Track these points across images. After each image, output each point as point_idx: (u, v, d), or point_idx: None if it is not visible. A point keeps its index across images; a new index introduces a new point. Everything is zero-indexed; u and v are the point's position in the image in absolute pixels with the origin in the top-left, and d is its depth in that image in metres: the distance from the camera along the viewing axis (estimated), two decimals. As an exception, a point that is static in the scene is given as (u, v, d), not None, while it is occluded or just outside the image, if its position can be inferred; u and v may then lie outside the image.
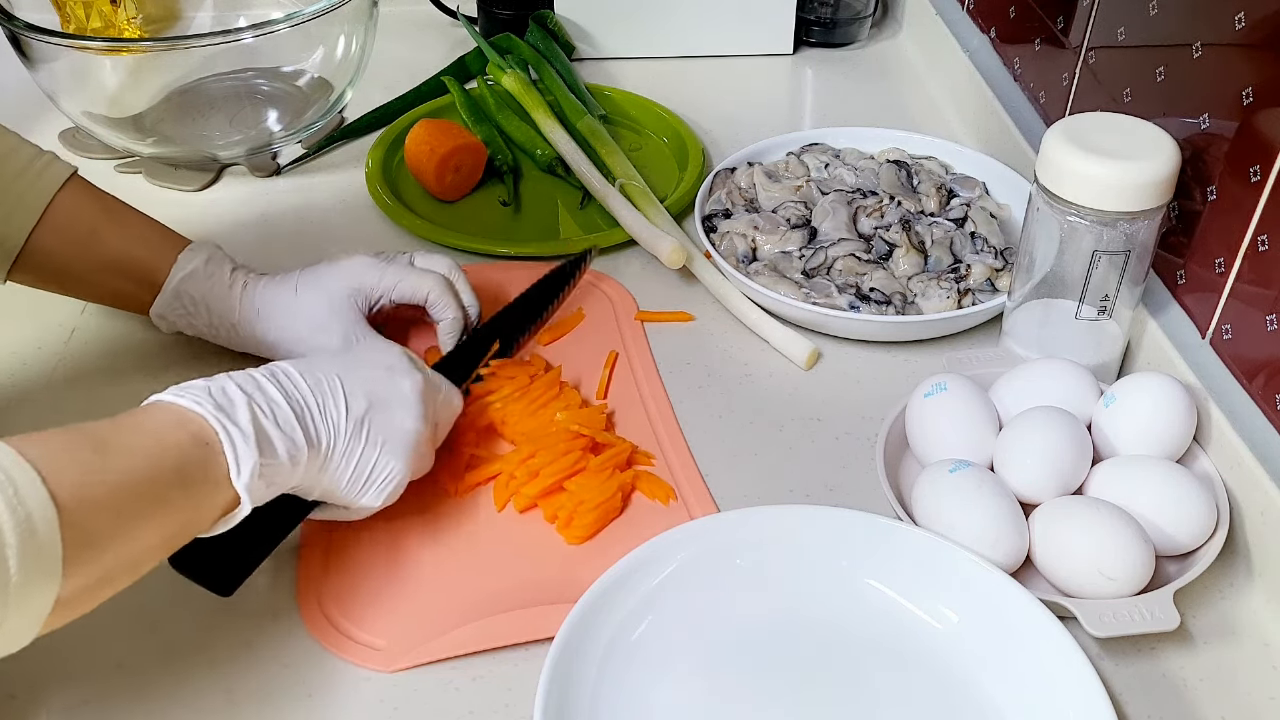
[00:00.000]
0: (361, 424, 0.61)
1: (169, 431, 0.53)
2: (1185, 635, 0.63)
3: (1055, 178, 0.69)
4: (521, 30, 1.17)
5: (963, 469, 0.65)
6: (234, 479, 0.54)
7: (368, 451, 0.61)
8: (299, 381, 0.59)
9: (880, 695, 0.59)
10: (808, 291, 0.83)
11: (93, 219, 0.75)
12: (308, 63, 1.05)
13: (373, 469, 0.62)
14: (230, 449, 0.54)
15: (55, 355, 0.82)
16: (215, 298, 0.76)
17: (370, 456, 0.62)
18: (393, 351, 0.66)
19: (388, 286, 0.77)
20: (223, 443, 0.54)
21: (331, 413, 0.60)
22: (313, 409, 0.59)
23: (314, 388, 0.60)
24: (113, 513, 0.49)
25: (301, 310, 0.76)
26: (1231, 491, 0.66)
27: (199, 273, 0.76)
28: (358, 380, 0.62)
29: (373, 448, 0.62)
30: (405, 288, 0.77)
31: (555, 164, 1.01)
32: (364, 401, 0.61)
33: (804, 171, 0.96)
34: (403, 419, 0.63)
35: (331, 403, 0.60)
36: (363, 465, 0.62)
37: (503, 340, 0.78)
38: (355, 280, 0.76)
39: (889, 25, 1.29)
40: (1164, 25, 0.76)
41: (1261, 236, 0.66)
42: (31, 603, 0.46)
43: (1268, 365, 0.66)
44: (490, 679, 0.61)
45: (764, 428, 0.76)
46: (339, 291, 0.76)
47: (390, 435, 0.62)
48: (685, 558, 0.63)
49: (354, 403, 0.61)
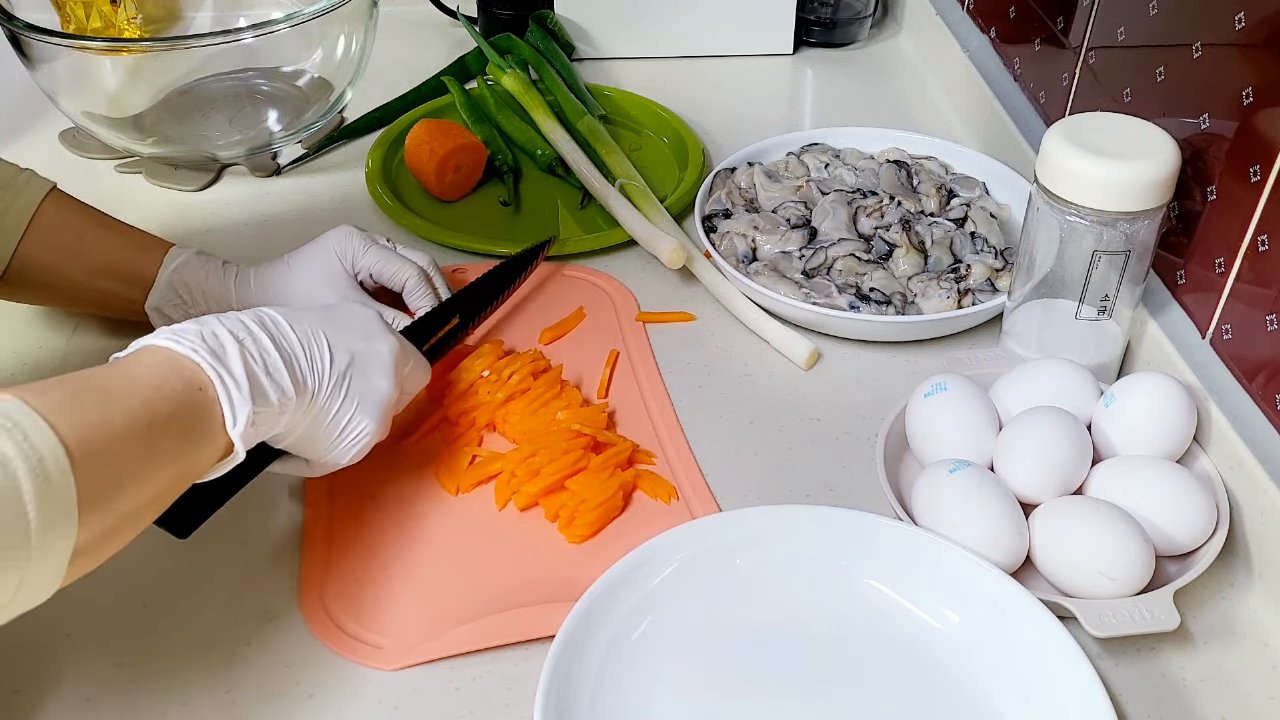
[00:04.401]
0: (344, 378, 0.62)
1: (166, 378, 0.53)
2: (1185, 635, 0.63)
3: (1055, 178, 0.69)
4: (521, 30, 1.17)
5: (963, 469, 0.65)
6: (229, 428, 0.55)
7: (345, 406, 0.62)
8: (286, 330, 0.60)
9: (880, 695, 0.59)
10: (808, 291, 0.83)
11: (78, 227, 0.76)
12: (308, 63, 1.05)
13: (348, 424, 0.63)
14: (226, 397, 0.55)
15: (56, 355, 0.81)
16: (210, 284, 0.78)
17: (347, 411, 0.63)
18: (370, 314, 0.67)
19: (369, 263, 0.80)
20: (218, 391, 0.55)
21: (318, 363, 0.61)
22: (300, 358, 0.60)
23: (301, 337, 0.60)
24: (119, 460, 0.49)
25: (296, 283, 0.79)
26: (1231, 492, 0.66)
27: (191, 263, 0.78)
28: (340, 337, 0.63)
29: (350, 403, 0.63)
30: (386, 270, 0.80)
31: (555, 164, 1.01)
32: (346, 356, 0.62)
33: (804, 171, 0.96)
34: (378, 380, 0.64)
35: (318, 353, 0.61)
36: (339, 419, 0.63)
37: (461, 318, 0.79)
38: (340, 247, 0.79)
39: (889, 25, 1.29)
40: (1164, 25, 0.76)
41: (1261, 236, 0.66)
42: (53, 550, 0.45)
43: (1268, 365, 0.66)
44: (490, 679, 0.61)
45: (764, 428, 0.76)
46: (328, 259, 0.79)
47: (366, 394, 0.63)
48: (685, 557, 0.63)
49: (338, 356, 0.62)
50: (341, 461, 0.65)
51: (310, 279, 0.78)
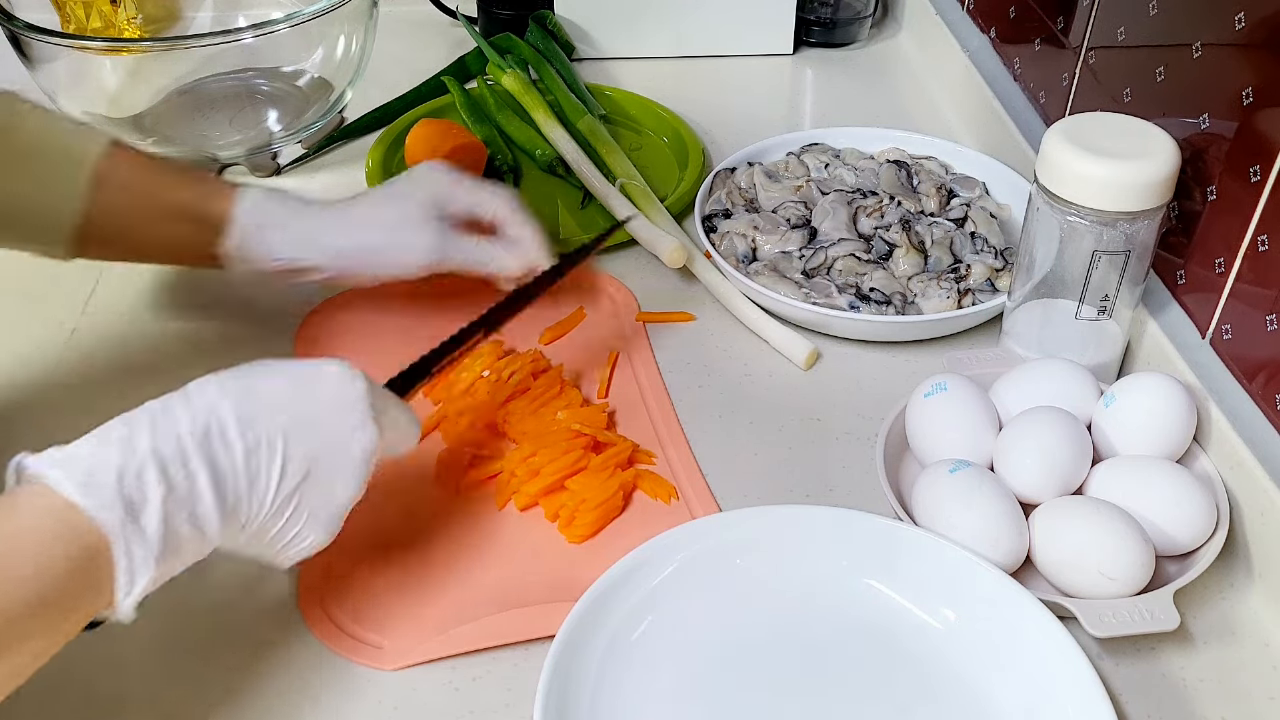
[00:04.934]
0: (291, 497, 0.54)
1: (56, 543, 0.46)
2: (1185, 635, 0.63)
3: (1055, 178, 0.69)
4: (521, 30, 1.17)
5: (963, 469, 0.65)
6: (120, 597, 0.48)
7: (289, 524, 0.55)
8: (235, 450, 0.52)
9: (880, 695, 0.59)
10: (808, 291, 0.83)
11: (144, 174, 0.75)
12: (308, 63, 1.05)
13: (289, 541, 0.56)
14: (126, 571, 0.48)
15: (55, 355, 0.81)
16: (289, 214, 0.76)
17: (290, 529, 0.55)
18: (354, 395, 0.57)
19: (465, 198, 0.79)
20: (116, 560, 0.48)
21: (260, 488, 0.53)
22: (240, 487, 0.52)
23: (249, 454, 0.53)
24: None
25: (381, 226, 0.77)
26: (1231, 491, 0.66)
27: (264, 202, 0.76)
28: (304, 441, 0.54)
29: (296, 520, 0.55)
30: (482, 202, 0.79)
31: (555, 164, 1.01)
32: (302, 469, 0.54)
33: (804, 171, 0.96)
34: (340, 490, 0.56)
35: (263, 476, 0.53)
36: (279, 537, 0.55)
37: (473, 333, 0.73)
38: (434, 188, 0.78)
39: (889, 25, 1.29)
40: (1164, 25, 0.76)
41: (1261, 236, 0.66)
42: None
43: (1268, 365, 0.66)
44: (490, 679, 0.61)
45: (764, 428, 0.76)
46: (417, 198, 0.77)
47: (319, 507, 0.56)
48: (685, 557, 0.63)
49: (290, 470, 0.54)
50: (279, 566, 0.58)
51: (397, 223, 0.77)
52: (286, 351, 0.82)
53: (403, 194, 0.78)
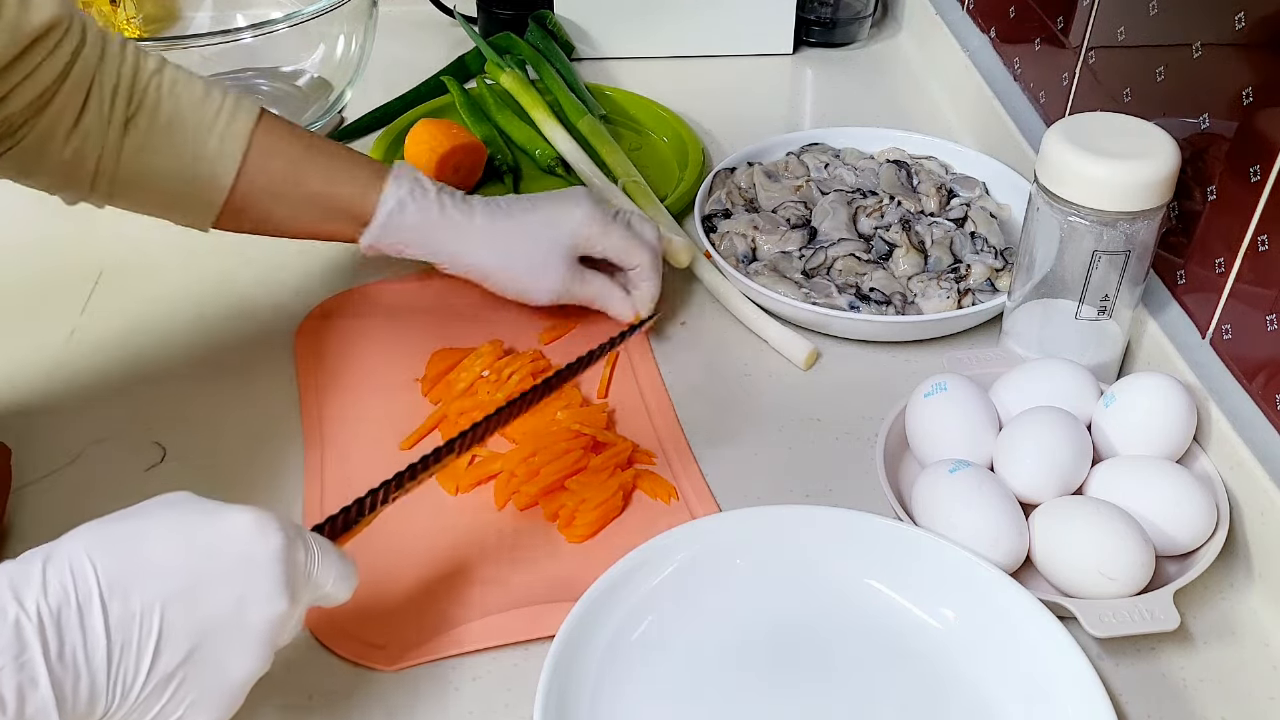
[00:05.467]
0: (168, 680, 0.46)
1: None
2: (1185, 635, 0.63)
3: (1055, 178, 0.69)
4: (521, 30, 1.17)
5: (963, 469, 0.65)
6: None
7: (166, 710, 0.46)
8: (95, 626, 0.44)
9: (880, 695, 0.59)
10: (808, 291, 0.83)
11: (292, 157, 0.73)
12: (307, 63, 1.05)
13: None
14: None
15: (55, 355, 0.81)
16: (427, 226, 0.76)
17: (169, 713, 0.47)
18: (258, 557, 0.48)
19: (608, 245, 0.79)
20: None
21: (128, 668, 0.45)
22: (98, 670, 0.44)
23: (113, 630, 0.44)
24: None
25: (523, 249, 0.78)
26: (1231, 492, 0.66)
27: (406, 204, 0.75)
28: (189, 613, 0.46)
29: (175, 705, 0.46)
30: (622, 251, 0.79)
31: (555, 164, 1.01)
32: (184, 647, 0.46)
33: (804, 171, 0.96)
34: (233, 665, 0.48)
35: (132, 656, 0.45)
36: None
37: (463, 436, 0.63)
38: (580, 230, 0.78)
39: (889, 25, 1.29)
40: (1164, 25, 0.76)
41: (1261, 236, 0.66)
42: None
43: (1268, 365, 0.66)
44: (490, 679, 0.61)
45: (764, 428, 0.76)
46: (561, 240, 0.78)
47: (205, 689, 0.47)
48: (685, 557, 0.63)
49: (167, 651, 0.46)
50: None
51: (538, 261, 0.78)
52: (287, 351, 0.82)
53: (550, 226, 0.78)
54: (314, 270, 0.89)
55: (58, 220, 0.96)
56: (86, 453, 0.73)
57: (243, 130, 0.71)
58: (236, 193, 0.72)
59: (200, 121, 0.70)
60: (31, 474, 0.71)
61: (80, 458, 0.73)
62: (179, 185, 0.71)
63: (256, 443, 0.75)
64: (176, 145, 0.69)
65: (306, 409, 0.77)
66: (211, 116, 0.70)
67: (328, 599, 0.53)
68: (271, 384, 0.79)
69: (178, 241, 0.81)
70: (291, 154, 0.73)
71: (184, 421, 0.76)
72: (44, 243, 0.93)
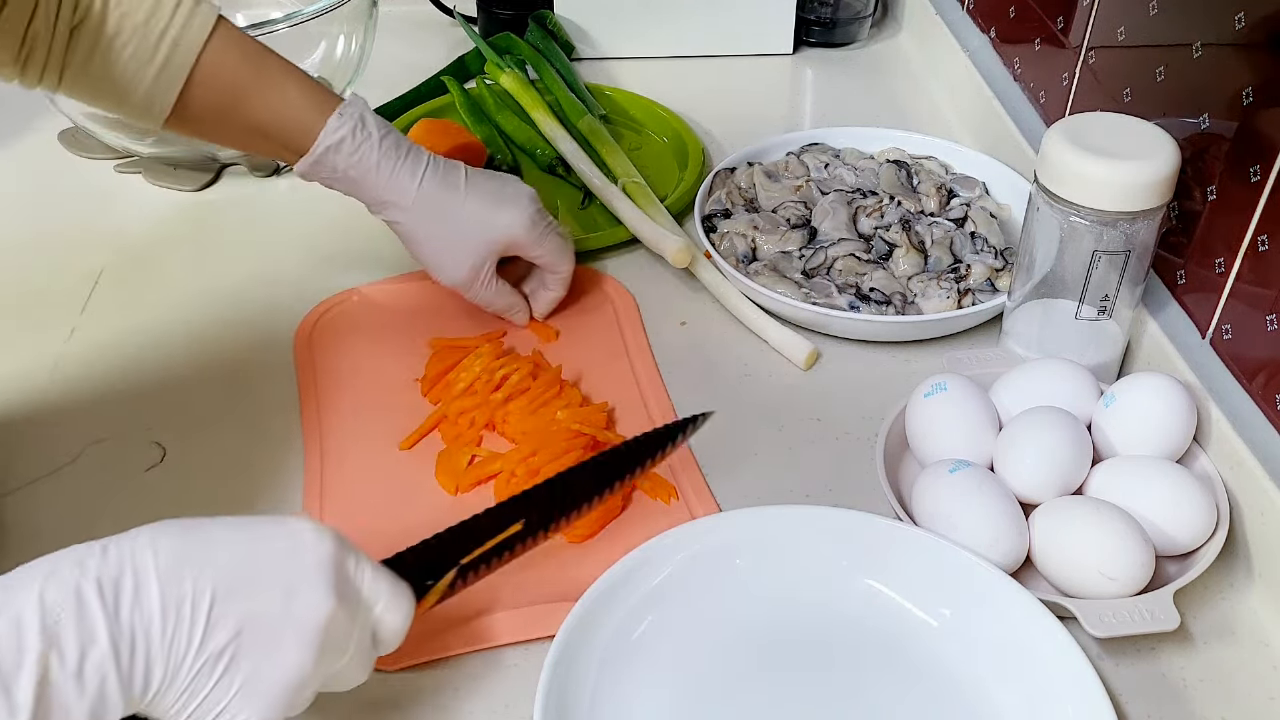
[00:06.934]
0: (218, 659, 0.46)
1: None
2: (1185, 635, 0.63)
3: (1055, 178, 0.69)
4: (521, 30, 1.17)
5: (963, 469, 0.65)
6: None
7: (216, 693, 0.47)
8: (149, 588, 0.45)
9: (880, 695, 0.59)
10: (808, 291, 0.83)
11: (238, 81, 0.73)
12: (307, 63, 1.05)
13: (218, 713, 0.47)
14: None
15: (55, 355, 0.81)
16: (360, 169, 0.75)
17: (218, 698, 0.47)
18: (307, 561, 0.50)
19: (543, 251, 0.80)
20: None
21: (180, 641, 0.46)
22: (152, 635, 0.45)
23: (165, 597, 0.45)
24: None
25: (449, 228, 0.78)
26: (1231, 491, 0.66)
27: (344, 143, 0.75)
28: (238, 600, 0.47)
29: (224, 689, 0.47)
30: (555, 257, 0.81)
31: (555, 164, 1.01)
32: (232, 628, 0.47)
33: (804, 171, 0.96)
34: (281, 658, 0.48)
35: (185, 629, 0.46)
36: (206, 707, 0.47)
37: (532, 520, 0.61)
38: (518, 234, 0.79)
39: (889, 25, 1.29)
40: (1164, 25, 0.76)
41: (1261, 236, 0.66)
42: None
43: (1268, 365, 0.66)
44: (490, 679, 0.61)
45: (764, 428, 0.76)
46: (494, 238, 0.78)
47: (254, 677, 0.47)
48: (685, 557, 0.63)
49: (218, 630, 0.46)
50: None
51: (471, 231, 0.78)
52: (286, 351, 0.82)
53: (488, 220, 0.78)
54: (314, 270, 0.89)
55: (58, 220, 0.96)
56: (86, 453, 0.73)
57: (194, 43, 0.70)
58: (183, 104, 0.71)
59: (149, 32, 0.69)
60: (31, 474, 0.71)
61: (80, 458, 0.73)
62: (125, 91, 0.71)
63: (256, 443, 0.75)
64: (123, 55, 0.69)
65: (306, 409, 0.77)
66: (161, 27, 0.69)
67: (381, 625, 0.53)
68: (271, 384, 0.79)
69: (178, 241, 0.81)
70: (241, 74, 0.73)
71: (184, 421, 0.76)
72: (44, 242, 0.93)
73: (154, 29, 0.69)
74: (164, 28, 0.69)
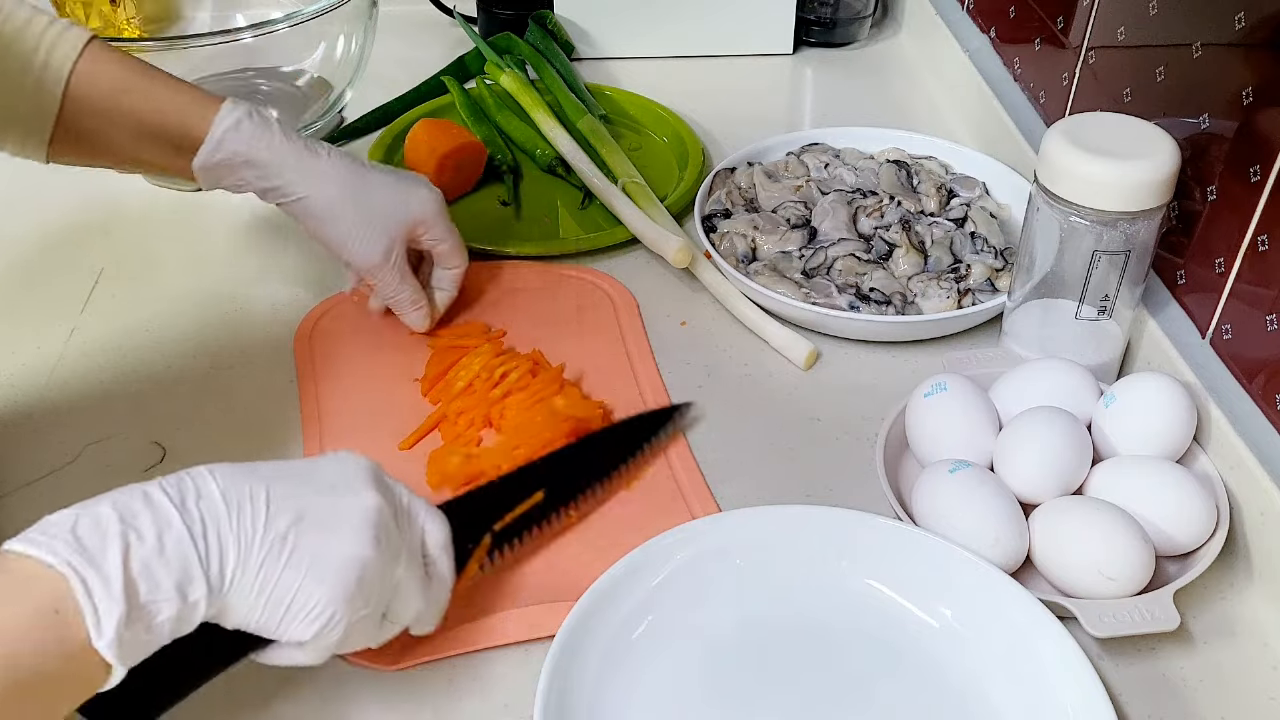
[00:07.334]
0: (284, 540, 0.50)
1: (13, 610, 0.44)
2: (1185, 635, 0.63)
3: (1055, 178, 0.69)
4: (521, 30, 1.17)
5: (963, 469, 0.65)
6: (94, 639, 0.44)
7: (288, 576, 0.50)
8: (210, 488, 0.49)
9: (880, 695, 0.59)
10: (808, 291, 0.83)
11: (115, 85, 0.71)
12: (307, 63, 1.05)
13: (293, 597, 0.50)
14: (88, 602, 0.44)
15: (55, 355, 0.81)
16: (263, 148, 0.74)
17: (291, 581, 0.50)
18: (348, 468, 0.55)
19: (442, 239, 0.80)
20: (78, 597, 0.44)
21: (246, 525, 0.49)
22: (220, 520, 0.49)
23: (226, 493, 0.49)
24: None
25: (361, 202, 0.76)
26: (1231, 492, 0.66)
27: (243, 123, 0.73)
28: (288, 492, 0.51)
29: (295, 571, 0.50)
30: (453, 250, 0.81)
31: (555, 164, 1.01)
32: (290, 515, 0.50)
33: (804, 171, 0.96)
34: (341, 542, 0.51)
35: (248, 513, 0.49)
36: (280, 591, 0.50)
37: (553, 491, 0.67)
38: (426, 213, 0.79)
39: (889, 25, 1.29)
40: (1164, 25, 0.76)
41: (1261, 236, 0.66)
42: None
43: (1268, 365, 0.66)
44: (490, 679, 0.61)
45: (764, 428, 0.76)
46: (405, 215, 0.78)
47: (321, 558, 0.50)
48: (685, 557, 0.63)
49: (277, 518, 0.50)
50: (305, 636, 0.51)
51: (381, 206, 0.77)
52: (287, 351, 0.82)
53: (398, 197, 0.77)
54: (314, 270, 0.89)
55: (58, 219, 0.96)
56: (86, 452, 0.73)
57: (69, 53, 0.69)
58: (66, 114, 0.70)
59: (24, 49, 0.69)
60: (31, 474, 0.71)
61: (80, 457, 0.73)
62: (5, 110, 0.69)
63: (256, 443, 0.75)
64: None
65: (306, 409, 0.77)
66: (34, 42, 0.69)
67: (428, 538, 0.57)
68: (271, 384, 0.79)
69: (178, 241, 0.81)
70: (122, 76, 0.71)
71: (184, 421, 0.76)
72: (44, 242, 0.93)
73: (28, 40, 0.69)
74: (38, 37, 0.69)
